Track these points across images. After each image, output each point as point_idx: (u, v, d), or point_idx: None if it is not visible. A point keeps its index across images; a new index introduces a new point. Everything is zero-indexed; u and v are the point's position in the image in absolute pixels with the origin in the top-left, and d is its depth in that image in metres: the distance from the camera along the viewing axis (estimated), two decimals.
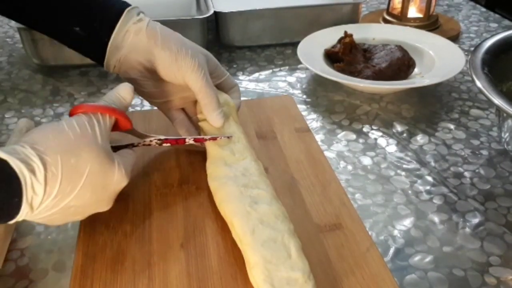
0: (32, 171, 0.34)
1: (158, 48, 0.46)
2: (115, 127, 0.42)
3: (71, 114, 0.40)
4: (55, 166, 0.35)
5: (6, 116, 0.66)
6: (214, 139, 0.46)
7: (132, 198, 0.47)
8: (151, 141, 0.46)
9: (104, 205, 0.41)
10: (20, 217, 0.34)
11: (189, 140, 0.47)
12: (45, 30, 0.50)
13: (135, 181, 0.49)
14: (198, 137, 0.47)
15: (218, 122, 0.47)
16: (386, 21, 0.92)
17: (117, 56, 0.47)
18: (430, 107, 0.68)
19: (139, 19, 0.47)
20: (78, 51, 0.50)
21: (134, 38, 0.46)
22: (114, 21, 0.46)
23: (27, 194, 0.34)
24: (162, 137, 0.47)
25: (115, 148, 0.42)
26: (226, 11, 0.81)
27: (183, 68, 0.46)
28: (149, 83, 0.48)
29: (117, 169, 0.39)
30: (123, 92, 0.43)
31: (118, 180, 0.39)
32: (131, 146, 0.45)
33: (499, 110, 0.51)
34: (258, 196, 0.42)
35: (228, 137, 0.47)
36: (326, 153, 0.57)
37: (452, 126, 0.63)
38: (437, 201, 0.51)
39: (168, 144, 0.47)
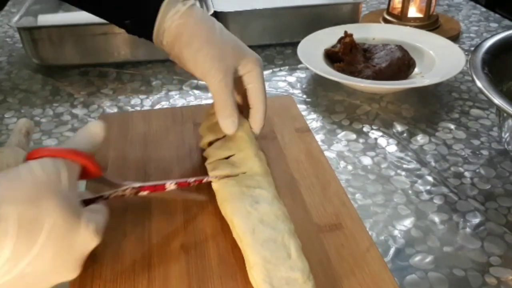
0: None
1: (182, 44, 0.45)
2: (82, 174, 0.36)
3: (28, 159, 0.34)
4: (6, 221, 0.28)
5: (5, 116, 0.66)
6: (200, 181, 0.42)
7: (131, 198, 0.46)
8: (124, 190, 0.40)
9: (69, 271, 0.33)
10: None
11: (170, 185, 0.42)
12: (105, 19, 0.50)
13: (134, 181, 0.49)
14: (181, 180, 0.42)
15: (228, 129, 0.45)
16: (386, 21, 0.92)
17: (164, 41, 0.47)
18: (430, 107, 0.68)
19: (178, 8, 0.46)
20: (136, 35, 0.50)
21: (170, 28, 0.46)
22: (153, 14, 0.46)
23: None
24: (137, 185, 0.40)
25: (82, 203, 0.35)
26: (226, 11, 0.81)
27: (199, 69, 0.45)
28: None
29: (83, 226, 0.32)
30: (94, 128, 0.38)
31: (85, 240, 0.33)
32: (101, 198, 0.38)
33: (499, 110, 0.50)
34: (259, 196, 0.42)
35: (216, 177, 0.43)
36: (326, 153, 0.57)
37: (452, 126, 0.63)
38: (437, 201, 0.51)
39: (146, 192, 0.41)
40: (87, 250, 0.34)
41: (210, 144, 0.48)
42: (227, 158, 0.46)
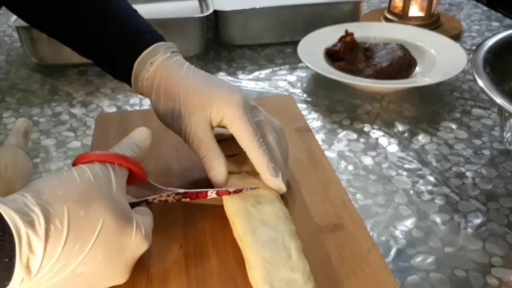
0: (30, 223, 0.27)
1: (161, 105, 0.44)
2: (129, 179, 0.36)
3: (75, 164, 0.34)
4: (60, 219, 0.29)
5: (4, 115, 0.66)
6: (239, 191, 0.41)
7: (131, 198, 0.46)
8: (168, 195, 0.40)
9: (119, 275, 0.33)
10: (14, 285, 0.27)
11: (212, 194, 0.41)
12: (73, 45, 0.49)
13: None
14: (222, 189, 0.41)
15: (217, 179, 0.42)
16: (387, 20, 0.92)
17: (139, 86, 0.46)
18: (431, 106, 0.68)
19: (160, 61, 0.44)
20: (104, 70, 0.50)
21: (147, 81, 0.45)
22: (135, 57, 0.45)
23: (22, 253, 0.27)
24: (181, 191, 0.40)
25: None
26: (226, 10, 0.80)
27: (173, 129, 0.44)
28: None
29: (135, 228, 0.33)
30: (139, 136, 0.39)
31: (137, 242, 0.33)
32: (144, 203, 0.39)
33: (501, 109, 0.50)
34: (261, 196, 0.41)
35: (254, 188, 0.42)
36: (327, 153, 0.57)
37: (454, 126, 0.63)
38: (438, 201, 0.51)
39: (188, 199, 0.41)
40: (137, 253, 0.34)
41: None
42: (232, 156, 0.46)
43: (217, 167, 0.42)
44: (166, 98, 0.43)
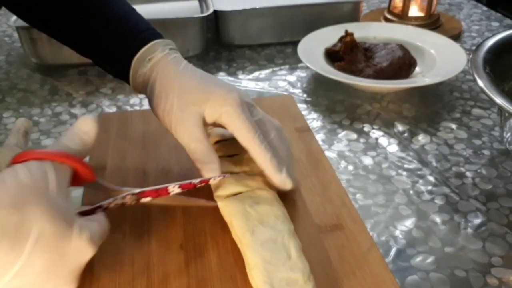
0: None
1: (154, 100, 0.43)
2: (75, 179, 0.33)
3: (12, 163, 0.31)
4: None
5: (4, 115, 0.66)
6: (206, 182, 0.39)
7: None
8: (124, 198, 0.36)
9: (64, 284, 0.30)
10: None
11: (174, 188, 0.38)
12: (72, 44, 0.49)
13: (134, 180, 0.48)
14: (184, 182, 0.38)
15: (209, 174, 0.41)
16: (387, 20, 0.92)
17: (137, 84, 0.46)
18: (431, 106, 0.68)
19: (158, 58, 0.44)
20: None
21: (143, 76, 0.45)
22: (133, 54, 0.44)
23: None
24: (137, 190, 0.37)
25: (78, 214, 0.33)
26: (226, 10, 0.80)
27: (164, 124, 0.43)
28: None
29: (75, 234, 0.30)
30: (82, 126, 0.35)
31: (79, 249, 0.30)
32: (99, 209, 0.35)
33: (501, 109, 0.50)
34: (259, 197, 0.41)
35: (224, 176, 0.41)
36: (327, 153, 0.57)
37: (453, 126, 0.63)
38: (438, 201, 0.51)
39: (148, 198, 0.38)
40: (82, 260, 0.31)
41: (216, 143, 0.48)
42: (230, 156, 0.45)
43: (210, 164, 0.40)
44: (161, 92, 0.43)
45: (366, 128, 0.63)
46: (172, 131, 0.43)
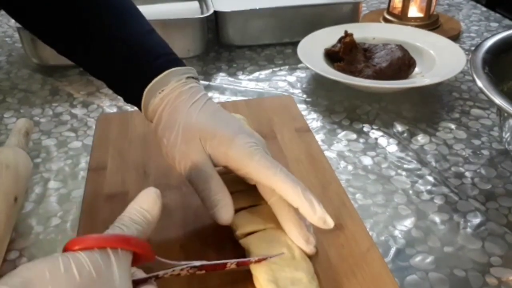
0: None
1: (159, 131, 0.41)
2: (134, 260, 0.31)
3: (68, 249, 0.28)
4: None
5: (5, 116, 0.66)
6: (263, 259, 0.37)
7: (131, 198, 0.46)
8: (182, 269, 0.34)
9: None
10: None
11: (231, 265, 0.36)
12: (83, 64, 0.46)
13: (134, 180, 0.49)
14: (243, 260, 0.36)
15: (222, 219, 0.37)
16: (386, 21, 0.92)
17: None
18: (430, 106, 0.68)
19: (170, 89, 0.41)
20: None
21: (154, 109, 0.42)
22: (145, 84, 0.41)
23: None
24: (197, 264, 0.35)
25: (134, 284, 0.31)
26: (226, 11, 0.81)
27: (167, 158, 0.41)
28: None
29: None
30: (146, 202, 0.32)
31: None
32: (154, 278, 0.34)
33: (500, 110, 0.50)
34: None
35: (279, 255, 0.37)
36: (326, 153, 0.57)
37: (453, 126, 0.63)
38: (438, 201, 0.51)
39: (203, 271, 0.36)
40: None
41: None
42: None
43: (221, 202, 0.37)
44: (166, 123, 0.40)
45: (366, 128, 0.63)
46: (176, 165, 0.40)
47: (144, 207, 0.32)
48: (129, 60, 0.42)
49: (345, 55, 0.72)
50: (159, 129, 0.41)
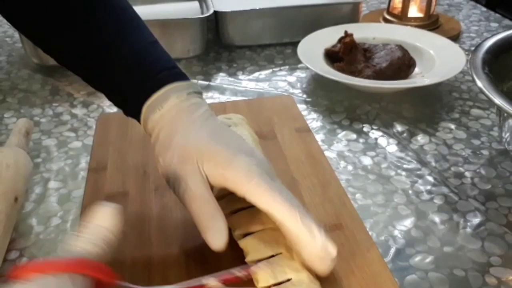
0: None
1: (156, 149, 0.40)
2: (93, 285, 0.29)
3: (14, 276, 0.26)
4: None
5: (5, 116, 0.66)
6: (247, 271, 0.35)
7: (131, 198, 0.46)
8: None
9: None
10: None
11: (213, 283, 0.34)
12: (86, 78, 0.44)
13: (134, 180, 0.49)
14: (225, 274, 0.34)
15: (215, 244, 0.36)
16: (386, 21, 0.92)
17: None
18: (430, 106, 0.68)
19: (170, 105, 0.39)
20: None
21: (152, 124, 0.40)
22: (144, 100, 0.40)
23: None
24: None
25: None
26: (226, 11, 0.81)
27: (167, 182, 0.39)
28: None
29: None
30: (104, 220, 0.30)
31: None
32: None
33: (499, 110, 0.50)
34: None
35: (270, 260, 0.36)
36: (326, 153, 0.57)
37: (452, 126, 0.63)
38: (437, 201, 0.51)
39: None
40: None
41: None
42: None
43: (214, 228, 0.36)
44: (164, 141, 0.39)
45: (366, 128, 0.63)
46: (170, 186, 0.39)
47: (102, 225, 0.30)
48: (130, 74, 0.41)
49: (345, 55, 0.72)
50: (156, 147, 0.40)
